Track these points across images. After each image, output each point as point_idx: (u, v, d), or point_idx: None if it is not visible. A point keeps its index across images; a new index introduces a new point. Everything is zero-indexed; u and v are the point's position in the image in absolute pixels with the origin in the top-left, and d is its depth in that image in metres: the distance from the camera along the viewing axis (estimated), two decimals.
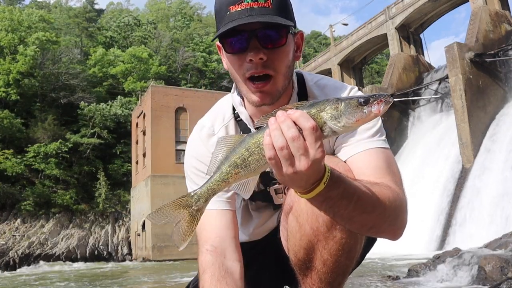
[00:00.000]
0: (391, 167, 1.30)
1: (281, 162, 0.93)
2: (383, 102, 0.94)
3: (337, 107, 0.94)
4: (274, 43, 1.26)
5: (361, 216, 1.08)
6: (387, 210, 1.11)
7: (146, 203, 29.34)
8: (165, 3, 65.64)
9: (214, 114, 1.58)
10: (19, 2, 53.77)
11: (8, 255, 29.90)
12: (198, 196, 1.07)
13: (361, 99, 0.94)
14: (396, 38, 26.09)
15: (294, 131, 0.91)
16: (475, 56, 19.33)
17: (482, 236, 13.33)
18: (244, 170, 1.01)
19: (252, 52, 1.24)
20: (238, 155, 1.00)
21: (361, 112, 0.94)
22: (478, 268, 5.27)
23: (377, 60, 60.10)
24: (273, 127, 0.93)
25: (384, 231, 1.17)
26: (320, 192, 0.98)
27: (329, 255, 1.29)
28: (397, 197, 1.16)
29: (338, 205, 1.03)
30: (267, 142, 0.93)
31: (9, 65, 37.04)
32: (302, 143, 0.91)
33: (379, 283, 5.97)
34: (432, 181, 19.06)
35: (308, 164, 0.91)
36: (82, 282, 12.27)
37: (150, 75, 44.06)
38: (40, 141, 35.05)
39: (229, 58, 1.33)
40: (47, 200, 33.25)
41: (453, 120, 19.58)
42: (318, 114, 0.95)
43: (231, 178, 1.03)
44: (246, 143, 1.00)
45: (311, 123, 0.91)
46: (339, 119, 0.94)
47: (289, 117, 0.93)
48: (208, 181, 1.06)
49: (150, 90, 31.45)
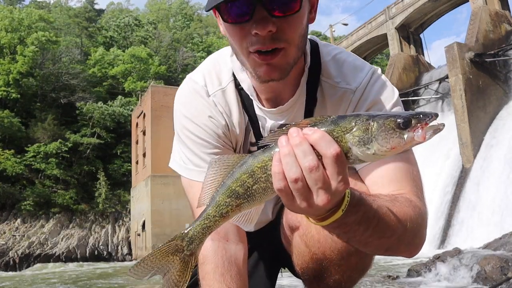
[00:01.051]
0: (413, 174, 1.12)
1: (294, 195, 0.76)
2: (429, 128, 0.73)
3: (367, 129, 0.73)
4: (285, 9, 0.99)
5: (378, 241, 0.93)
6: (407, 231, 0.96)
7: (146, 203, 29.34)
8: (165, 3, 65.63)
9: (207, 71, 1.29)
10: (19, 2, 53.73)
11: (8, 255, 29.89)
12: (190, 239, 0.86)
13: (400, 120, 0.72)
14: (396, 38, 26.08)
15: (312, 160, 0.72)
16: (475, 56, 19.32)
17: (482, 236, 13.33)
18: (247, 201, 0.81)
19: (258, 23, 0.98)
20: (240, 182, 0.80)
21: (399, 138, 0.72)
22: (478, 268, 5.27)
23: (377, 60, 60.06)
24: (285, 151, 0.74)
25: (401, 251, 1.02)
26: (336, 219, 0.82)
27: (341, 275, 1.20)
28: (418, 214, 1.01)
29: (354, 231, 0.87)
30: (276, 171, 0.74)
31: (9, 65, 37.05)
32: (321, 174, 0.73)
33: (379, 283, 5.96)
34: (432, 181, 19.04)
35: (328, 199, 0.74)
36: (82, 282, 12.26)
37: (150, 75, 44.06)
38: (40, 141, 35.06)
39: (228, 28, 1.06)
40: (47, 200, 33.25)
41: (453, 120, 19.57)
42: (342, 136, 0.74)
43: (231, 212, 0.83)
44: (250, 166, 0.79)
45: (334, 150, 0.72)
46: (369, 144, 0.73)
47: (305, 139, 0.73)
48: (202, 217, 0.85)
49: (150, 90, 31.46)
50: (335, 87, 1.19)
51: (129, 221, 34.90)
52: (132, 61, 44.26)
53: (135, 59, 44.33)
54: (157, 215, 27.90)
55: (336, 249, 1.14)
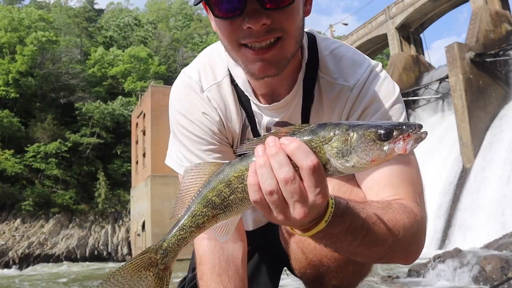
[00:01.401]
0: (412, 177, 1.07)
1: (270, 207, 0.72)
2: (411, 139, 0.69)
3: (346, 140, 0.69)
4: (278, 2, 0.94)
5: (368, 251, 0.89)
6: (400, 240, 0.91)
7: (146, 203, 29.33)
8: (165, 3, 65.60)
9: (202, 65, 1.23)
10: (19, 2, 53.72)
11: (7, 255, 29.88)
12: (165, 251, 0.80)
13: (381, 131, 0.68)
14: (396, 38, 26.07)
15: (287, 172, 0.69)
16: (475, 56, 19.31)
17: (482, 236, 13.31)
18: (224, 212, 0.77)
19: (250, 17, 0.93)
20: (216, 192, 0.76)
21: (379, 150, 0.69)
22: (479, 268, 5.26)
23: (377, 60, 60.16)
24: (260, 162, 0.70)
25: (395, 260, 0.98)
26: (320, 230, 0.78)
27: (340, 281, 1.17)
28: (414, 220, 0.96)
29: (341, 241, 0.83)
30: (252, 182, 0.71)
31: (8, 64, 37.05)
32: (297, 187, 0.69)
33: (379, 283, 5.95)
34: (432, 181, 19.03)
35: (305, 212, 0.71)
36: (81, 282, 12.26)
37: (150, 75, 44.05)
38: (39, 141, 35.05)
39: (218, 23, 1.01)
40: (47, 200, 33.25)
41: (453, 120, 19.56)
42: (321, 147, 0.70)
43: (207, 222, 0.78)
44: (226, 176, 0.75)
45: (311, 161, 0.68)
46: (348, 157, 0.69)
47: (282, 150, 0.69)
48: (177, 228, 0.79)
49: (150, 90, 31.44)
50: (333, 84, 1.14)
51: (129, 221, 34.89)
52: (132, 61, 44.25)
53: (134, 59, 44.32)
54: (157, 215, 27.88)
55: (333, 257, 1.11)
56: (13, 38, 38.12)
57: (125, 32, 52.41)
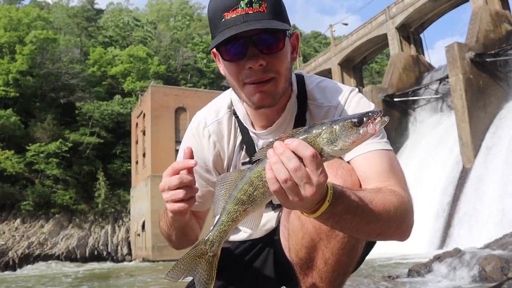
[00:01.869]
0: (395, 168, 1.30)
1: (287, 193, 0.93)
2: (377, 121, 0.94)
3: (332, 131, 0.93)
4: (272, 48, 1.25)
5: (367, 227, 1.09)
6: (392, 217, 1.11)
7: (146, 203, 29.35)
8: (165, 3, 65.62)
9: (209, 108, 1.59)
10: (19, 2, 53.74)
11: (7, 255, 29.90)
12: (211, 242, 1.06)
13: (354, 120, 0.93)
14: (396, 38, 26.08)
15: (295, 162, 0.91)
16: (475, 56, 19.33)
17: (482, 236, 13.33)
18: (251, 205, 1.00)
19: (251, 59, 1.23)
20: (243, 191, 0.99)
21: (357, 133, 0.93)
22: (479, 268, 5.26)
23: (377, 60, 60.11)
24: (273, 160, 0.93)
25: (391, 235, 1.17)
26: (325, 210, 0.98)
27: (331, 254, 1.28)
28: (401, 201, 1.16)
29: (344, 219, 1.03)
30: (270, 176, 0.93)
31: (8, 64, 37.06)
32: (304, 172, 0.91)
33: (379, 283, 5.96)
34: (432, 181, 19.05)
35: (314, 190, 0.92)
36: (81, 283, 12.26)
37: (150, 75, 44.05)
38: (39, 140, 35.06)
39: (227, 65, 1.31)
40: (47, 200, 33.25)
41: (453, 120, 19.57)
42: (314, 140, 0.94)
43: (240, 216, 1.02)
44: (248, 178, 0.99)
45: (310, 151, 0.91)
46: (335, 142, 0.93)
47: (287, 148, 0.92)
48: (218, 224, 1.05)
49: (150, 90, 31.46)
50: (320, 107, 1.44)
51: (128, 221, 34.90)
52: (131, 60, 44.24)
53: (134, 58, 44.31)
54: (157, 215, 27.12)
55: (321, 226, 1.27)
56: (13, 38, 38.14)
57: (124, 32, 52.42)
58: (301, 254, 1.33)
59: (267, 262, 1.65)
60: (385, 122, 0.95)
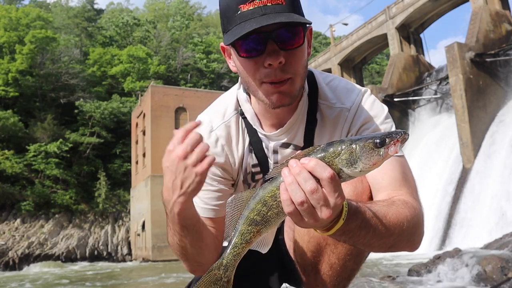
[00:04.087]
0: (407, 176, 1.27)
1: (302, 215, 0.90)
2: (399, 142, 0.90)
3: (352, 152, 0.88)
4: (292, 43, 1.16)
5: (380, 241, 1.06)
6: (405, 230, 1.09)
7: (146, 203, 29.35)
8: (164, 3, 65.54)
9: (214, 109, 1.47)
10: (19, 2, 53.73)
11: (7, 255, 29.89)
12: (225, 267, 0.99)
13: (377, 140, 0.88)
14: (396, 38, 26.07)
15: (312, 184, 0.86)
16: (475, 56, 19.31)
17: (482, 236, 13.33)
18: (265, 226, 0.95)
19: (270, 56, 1.14)
20: (256, 211, 0.94)
21: (378, 155, 0.88)
22: (479, 268, 5.26)
23: (377, 60, 60.08)
24: (289, 181, 0.88)
25: (402, 247, 1.15)
26: (339, 227, 0.95)
27: (337, 259, 1.27)
28: (414, 214, 1.13)
29: (357, 235, 1.01)
30: (285, 198, 0.89)
31: (8, 64, 37.05)
32: (321, 195, 0.87)
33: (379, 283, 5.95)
34: (432, 181, 19.04)
35: (330, 213, 0.88)
36: (81, 283, 12.26)
37: (150, 75, 44.05)
38: (39, 140, 35.05)
39: (243, 62, 1.22)
40: (47, 200, 33.24)
41: (453, 120, 19.56)
42: (333, 160, 0.89)
43: (253, 237, 0.96)
44: (262, 197, 0.93)
45: (329, 173, 0.86)
46: (355, 164, 0.88)
47: (304, 168, 0.87)
48: (231, 246, 0.98)
49: (150, 90, 31.46)
50: (332, 107, 1.37)
51: (129, 221, 34.90)
52: (131, 60, 44.23)
53: (133, 58, 44.30)
54: (157, 215, 27.89)
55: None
56: (12, 38, 38.13)
57: (124, 32, 52.40)
58: (306, 257, 1.32)
59: (270, 260, 1.64)
60: (406, 141, 0.91)
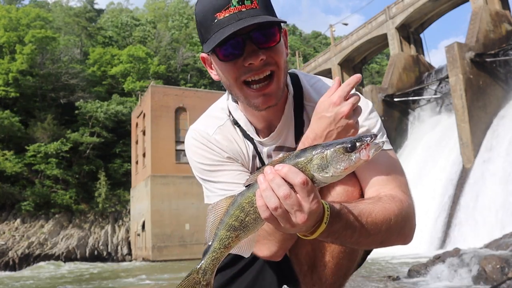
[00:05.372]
0: (395, 170, 1.28)
1: (278, 220, 0.91)
2: (371, 147, 0.89)
3: (323, 157, 0.89)
4: (270, 41, 1.23)
5: (368, 239, 1.07)
6: (393, 225, 1.10)
7: (146, 203, 29.32)
8: (164, 3, 65.51)
9: (205, 118, 1.51)
10: (19, 2, 53.70)
11: (7, 255, 29.87)
12: (204, 271, 1.01)
13: (346, 145, 0.89)
14: (396, 38, 26.07)
15: (285, 189, 0.88)
16: (475, 56, 19.31)
17: (482, 237, 13.33)
18: (243, 231, 0.97)
19: (250, 56, 1.20)
20: (234, 217, 0.96)
21: (349, 160, 0.89)
22: (479, 268, 5.26)
23: (377, 60, 60.12)
24: (263, 187, 0.90)
25: (393, 242, 1.16)
26: (323, 231, 0.96)
27: (332, 257, 1.30)
28: (402, 207, 1.14)
29: (344, 236, 1.02)
30: (260, 204, 0.91)
31: (8, 64, 37.04)
32: (295, 200, 0.88)
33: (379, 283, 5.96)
34: (432, 181, 19.04)
35: (305, 218, 0.89)
36: (81, 283, 12.27)
37: (149, 75, 44.03)
38: (39, 140, 35.02)
39: (223, 66, 1.27)
40: (47, 200, 33.22)
41: (453, 120, 19.56)
42: (306, 166, 0.90)
43: (232, 242, 0.98)
44: (239, 204, 0.95)
45: (300, 178, 0.88)
46: (326, 169, 0.89)
47: (277, 174, 0.89)
48: (210, 251, 1.00)
49: (150, 90, 31.44)
50: None
51: (129, 221, 34.88)
52: (131, 60, 44.22)
53: (133, 58, 44.28)
54: (157, 215, 27.88)
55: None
56: (12, 38, 38.12)
57: (124, 32, 52.37)
58: (301, 257, 1.35)
59: (268, 262, 1.64)
60: (380, 148, 0.90)
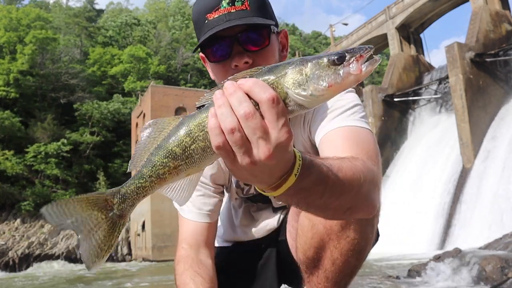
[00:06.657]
0: (366, 145, 1.15)
1: (234, 151, 0.70)
2: (364, 59, 0.71)
3: (301, 70, 0.70)
4: (257, 45, 1.22)
5: (337, 201, 0.88)
6: (363, 185, 0.92)
7: (146, 203, 29.32)
8: (164, 3, 65.52)
9: None
10: (19, 2, 53.72)
11: (7, 255, 29.88)
12: (123, 197, 0.78)
13: (333, 57, 0.70)
14: (396, 38, 26.07)
15: (247, 106, 0.68)
16: (475, 56, 19.31)
17: (482, 236, 13.32)
18: (185, 162, 0.74)
19: (236, 57, 1.21)
20: (177, 142, 0.73)
21: (335, 74, 0.69)
22: (479, 268, 5.26)
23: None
24: (219, 103, 0.70)
25: (360, 209, 0.98)
26: (291, 185, 0.76)
27: (340, 254, 1.26)
28: (368, 169, 0.98)
29: (314, 194, 0.82)
30: (212, 125, 0.70)
31: (8, 64, 37.05)
32: (259, 122, 0.68)
33: (379, 283, 5.95)
34: (432, 181, 19.03)
35: (270, 150, 0.69)
36: (81, 283, 12.27)
37: (150, 74, 44.06)
38: (39, 140, 35.04)
39: (214, 67, 1.29)
40: (47, 200, 33.18)
41: (453, 120, 19.55)
42: (278, 82, 0.70)
43: (167, 174, 0.75)
44: (187, 126, 0.74)
45: (269, 94, 0.68)
46: (304, 85, 0.69)
47: (240, 88, 0.70)
48: (137, 176, 0.77)
49: (150, 90, 31.46)
50: None
51: (129, 221, 34.85)
52: (131, 60, 44.25)
53: (134, 58, 44.31)
54: (157, 215, 27.89)
55: (337, 221, 1.20)
56: (13, 38, 38.14)
57: (124, 32, 52.39)
58: (309, 254, 1.32)
59: (270, 262, 1.65)
60: (376, 62, 0.73)
